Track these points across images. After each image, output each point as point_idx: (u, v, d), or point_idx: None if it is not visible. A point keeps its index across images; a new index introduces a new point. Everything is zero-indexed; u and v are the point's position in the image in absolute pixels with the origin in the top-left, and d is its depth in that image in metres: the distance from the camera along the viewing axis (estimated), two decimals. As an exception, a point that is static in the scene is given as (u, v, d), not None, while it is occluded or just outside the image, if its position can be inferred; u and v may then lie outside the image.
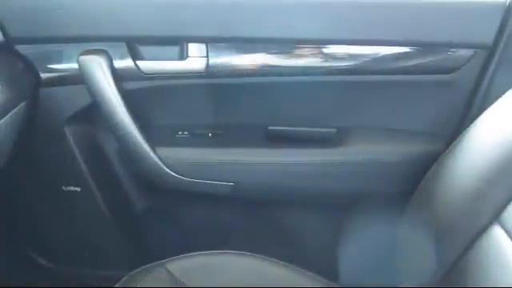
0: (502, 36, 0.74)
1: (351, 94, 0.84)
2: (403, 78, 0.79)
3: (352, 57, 0.79)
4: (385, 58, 0.78)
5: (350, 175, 0.85)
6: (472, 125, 0.65)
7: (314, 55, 0.79)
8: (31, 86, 0.82)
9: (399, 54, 0.77)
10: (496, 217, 0.55)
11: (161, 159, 0.83)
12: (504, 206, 0.54)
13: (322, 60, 0.80)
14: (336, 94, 0.83)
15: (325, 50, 0.79)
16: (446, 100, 0.81)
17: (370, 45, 0.77)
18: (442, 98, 0.81)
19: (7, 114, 0.73)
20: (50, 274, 1.06)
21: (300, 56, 0.80)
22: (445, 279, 0.60)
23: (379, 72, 0.79)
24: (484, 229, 0.56)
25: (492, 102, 0.64)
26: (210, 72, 0.80)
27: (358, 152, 0.84)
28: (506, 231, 0.53)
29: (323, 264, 0.80)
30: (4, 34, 0.78)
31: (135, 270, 0.75)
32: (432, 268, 0.61)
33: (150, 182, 0.87)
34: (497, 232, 0.54)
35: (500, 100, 0.63)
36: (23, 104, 0.78)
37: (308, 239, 0.96)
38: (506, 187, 0.55)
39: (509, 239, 0.53)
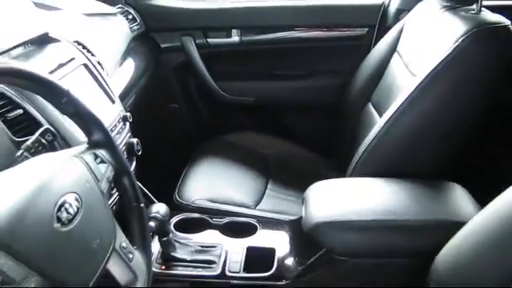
0: (381, 20, 1.56)
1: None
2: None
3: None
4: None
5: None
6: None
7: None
8: (157, 55, 1.68)
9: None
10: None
11: (220, 87, 1.70)
12: None
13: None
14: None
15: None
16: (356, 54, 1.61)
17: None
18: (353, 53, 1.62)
19: (147, 71, 1.58)
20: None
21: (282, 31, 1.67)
22: None
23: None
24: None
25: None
26: (241, 43, 1.67)
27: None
28: None
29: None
30: (145, 25, 1.64)
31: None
32: None
33: (215, 100, 1.73)
34: None
35: None
36: (153, 65, 1.63)
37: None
38: None
39: None
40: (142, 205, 0.77)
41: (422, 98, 1.04)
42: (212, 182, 1.37)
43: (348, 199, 1.00)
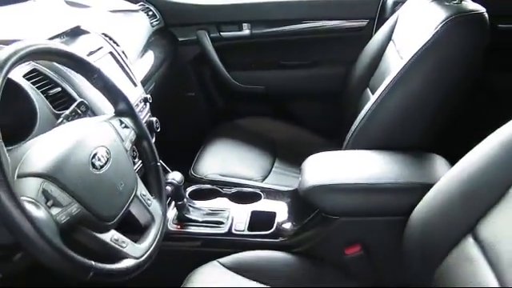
0: (380, 12, 1.69)
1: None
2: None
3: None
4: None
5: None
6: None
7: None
8: (175, 48, 1.85)
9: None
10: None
11: (232, 76, 1.85)
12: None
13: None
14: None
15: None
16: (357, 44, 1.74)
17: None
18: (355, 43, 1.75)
19: (165, 62, 1.75)
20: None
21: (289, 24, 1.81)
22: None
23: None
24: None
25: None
26: (252, 36, 1.82)
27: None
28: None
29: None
30: (164, 21, 1.81)
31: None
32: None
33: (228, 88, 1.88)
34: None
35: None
36: (171, 57, 1.80)
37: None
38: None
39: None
40: (159, 163, 0.93)
41: (407, 78, 1.17)
42: (224, 160, 1.53)
43: (338, 167, 1.14)
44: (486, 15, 1.14)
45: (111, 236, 0.73)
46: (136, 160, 1.00)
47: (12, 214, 0.58)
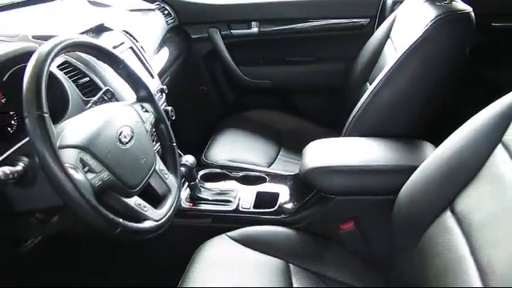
0: (381, 11, 1.80)
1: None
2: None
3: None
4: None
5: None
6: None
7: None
8: (188, 45, 1.98)
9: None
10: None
11: (241, 71, 1.98)
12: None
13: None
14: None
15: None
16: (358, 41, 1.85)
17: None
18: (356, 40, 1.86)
19: (179, 58, 1.88)
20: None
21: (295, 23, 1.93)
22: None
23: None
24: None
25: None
26: (259, 34, 1.95)
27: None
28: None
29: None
30: (178, 19, 1.95)
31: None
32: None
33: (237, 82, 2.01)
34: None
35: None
36: (185, 53, 1.94)
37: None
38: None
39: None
40: (174, 144, 1.06)
41: (399, 72, 1.28)
42: (232, 148, 1.65)
43: (335, 151, 1.26)
44: (473, 14, 1.25)
45: (135, 201, 0.86)
46: (154, 143, 1.14)
47: (58, 176, 0.71)
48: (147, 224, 0.86)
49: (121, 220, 0.78)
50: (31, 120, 0.71)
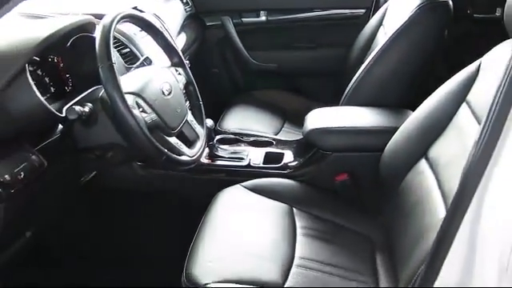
0: (375, 2, 2.04)
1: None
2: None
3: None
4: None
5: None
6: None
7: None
8: (203, 31, 2.21)
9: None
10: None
11: (251, 56, 2.22)
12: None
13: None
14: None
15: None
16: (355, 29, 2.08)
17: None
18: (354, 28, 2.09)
19: (195, 42, 2.10)
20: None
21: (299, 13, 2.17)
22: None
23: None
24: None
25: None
26: (267, 22, 2.19)
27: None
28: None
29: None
30: (195, 8, 2.18)
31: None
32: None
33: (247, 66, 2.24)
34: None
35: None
36: (200, 38, 2.16)
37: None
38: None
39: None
40: (201, 102, 1.29)
41: (389, 51, 1.51)
42: (243, 119, 1.89)
43: (332, 116, 1.49)
44: (451, 3, 1.48)
45: (174, 140, 1.10)
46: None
47: (124, 113, 0.94)
48: (184, 157, 1.09)
49: (166, 150, 1.02)
50: (104, 68, 0.94)
